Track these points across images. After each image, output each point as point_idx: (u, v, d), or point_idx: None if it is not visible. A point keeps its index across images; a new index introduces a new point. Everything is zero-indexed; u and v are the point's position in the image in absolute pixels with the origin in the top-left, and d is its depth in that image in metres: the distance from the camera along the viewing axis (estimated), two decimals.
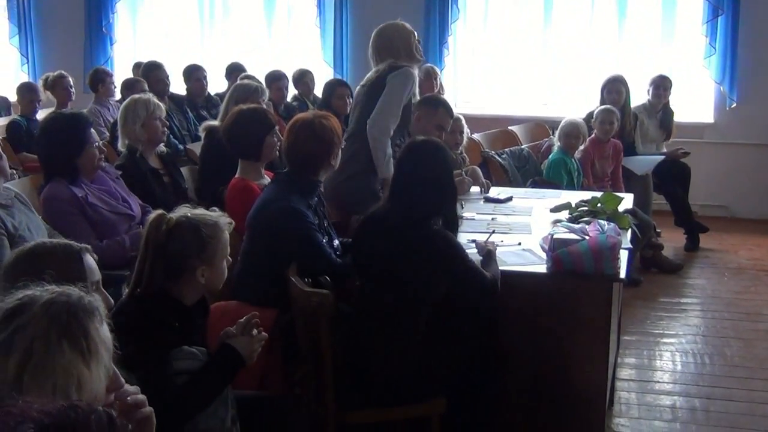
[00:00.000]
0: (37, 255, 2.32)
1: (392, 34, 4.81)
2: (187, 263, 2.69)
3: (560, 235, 3.62)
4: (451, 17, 8.15)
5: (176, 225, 2.71)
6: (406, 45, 4.77)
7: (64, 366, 1.69)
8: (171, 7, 9.17)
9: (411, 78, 4.69)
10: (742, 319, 5.44)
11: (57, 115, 4.48)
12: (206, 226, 2.73)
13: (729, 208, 7.83)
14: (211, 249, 2.72)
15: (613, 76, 6.71)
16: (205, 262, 2.71)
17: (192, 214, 2.75)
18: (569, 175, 5.78)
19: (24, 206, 3.63)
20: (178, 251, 2.68)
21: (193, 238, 2.70)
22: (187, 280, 2.71)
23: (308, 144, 3.73)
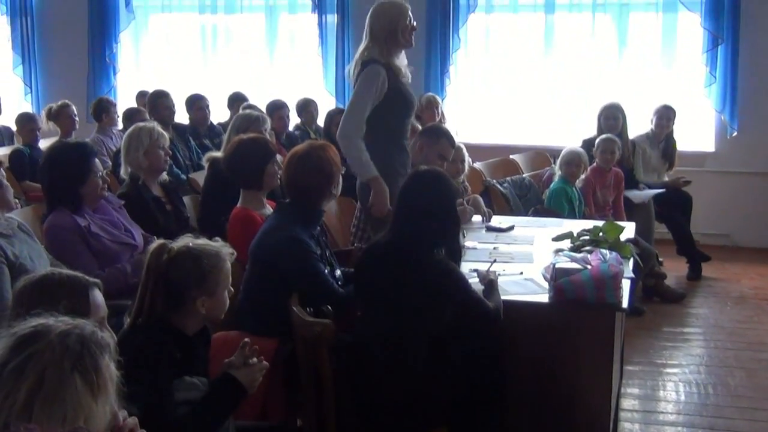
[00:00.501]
0: (45, 285, 2.32)
1: (378, 13, 4.54)
2: (187, 293, 2.68)
3: (562, 264, 3.62)
4: (452, 47, 8.20)
5: (177, 255, 2.71)
6: (389, 27, 4.48)
7: (74, 398, 1.69)
8: (174, 37, 9.23)
9: (375, 77, 4.41)
10: (744, 348, 5.42)
11: (61, 144, 4.50)
12: (208, 257, 2.73)
13: (731, 237, 7.82)
14: (212, 279, 2.72)
15: (610, 103, 6.76)
16: (206, 293, 2.71)
17: (194, 244, 2.75)
18: (570, 204, 5.79)
19: (27, 236, 3.63)
20: (178, 281, 2.68)
21: (194, 269, 2.69)
22: (188, 310, 2.70)
23: (307, 177, 3.73)
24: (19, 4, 9.29)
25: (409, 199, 3.46)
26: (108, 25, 9.08)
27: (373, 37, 4.52)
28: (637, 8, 8.00)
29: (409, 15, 4.56)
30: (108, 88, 9.08)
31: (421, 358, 3.31)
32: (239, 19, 8.96)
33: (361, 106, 4.44)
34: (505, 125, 8.43)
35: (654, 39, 7.95)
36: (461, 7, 8.17)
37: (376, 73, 4.43)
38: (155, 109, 6.98)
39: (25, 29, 9.33)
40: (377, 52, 4.50)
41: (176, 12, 9.13)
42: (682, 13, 7.77)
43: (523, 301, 3.64)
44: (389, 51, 4.51)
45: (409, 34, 4.55)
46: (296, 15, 8.81)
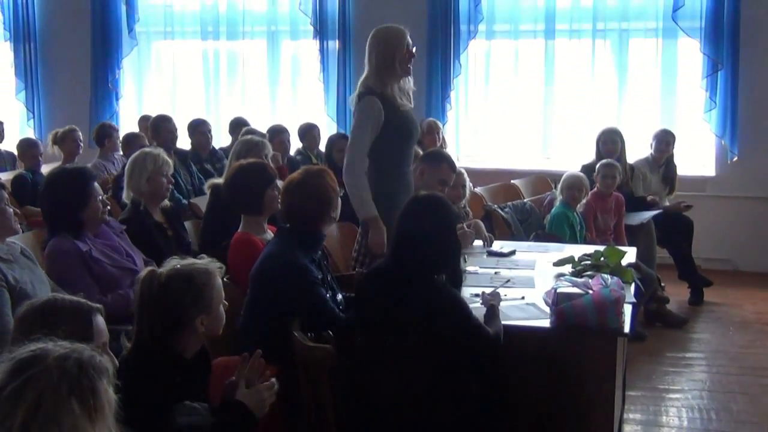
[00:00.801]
0: (48, 310, 2.33)
1: (376, 40, 4.55)
2: (185, 315, 2.68)
3: (564, 289, 3.61)
4: (453, 72, 8.24)
5: (168, 279, 2.70)
6: (385, 54, 4.49)
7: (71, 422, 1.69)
8: (176, 63, 9.27)
9: (370, 109, 4.43)
10: (747, 373, 5.40)
11: (61, 170, 4.50)
12: (198, 275, 2.74)
13: (732, 262, 7.81)
14: (206, 296, 2.73)
15: (609, 128, 6.80)
16: (203, 311, 2.71)
17: (181, 265, 2.76)
18: (572, 229, 5.79)
19: (29, 261, 3.63)
20: (174, 305, 2.67)
21: (188, 289, 2.70)
22: (188, 331, 2.70)
23: (304, 204, 3.74)
24: (23, 29, 9.34)
25: (408, 225, 3.46)
26: (111, 51, 9.13)
27: (371, 65, 4.54)
28: (637, 34, 8.04)
29: (408, 41, 4.56)
30: (110, 114, 9.11)
31: (423, 384, 3.30)
32: (241, 45, 9.01)
33: (360, 140, 4.46)
34: (505, 150, 8.45)
35: (654, 65, 7.98)
36: (462, 33, 8.21)
37: (371, 105, 4.45)
38: (158, 133, 7.01)
39: (28, 55, 9.38)
40: (373, 81, 4.51)
41: (179, 39, 9.18)
42: (682, 39, 7.80)
43: (525, 326, 3.63)
44: (386, 79, 4.51)
45: (407, 61, 4.54)
46: (298, 41, 8.85)
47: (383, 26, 4.65)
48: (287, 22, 8.80)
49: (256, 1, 8.91)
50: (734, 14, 7.52)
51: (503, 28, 8.28)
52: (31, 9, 9.34)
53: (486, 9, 8.15)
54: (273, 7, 8.86)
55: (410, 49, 4.55)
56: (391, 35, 4.55)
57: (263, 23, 8.90)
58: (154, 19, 9.17)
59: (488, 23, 8.21)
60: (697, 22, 7.65)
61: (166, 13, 9.11)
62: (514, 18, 8.22)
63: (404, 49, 4.52)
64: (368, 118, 4.44)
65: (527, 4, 8.18)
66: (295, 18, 8.71)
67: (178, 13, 9.10)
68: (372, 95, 4.47)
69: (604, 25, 8.01)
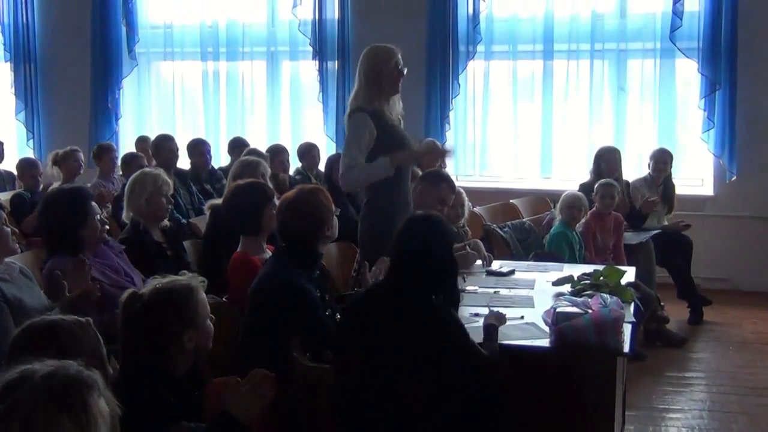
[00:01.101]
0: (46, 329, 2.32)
1: (366, 57, 4.63)
2: (171, 333, 2.67)
3: (563, 308, 3.61)
4: (452, 93, 8.26)
5: (150, 299, 2.70)
6: (373, 71, 4.56)
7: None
8: (176, 83, 9.30)
9: (360, 126, 4.51)
10: (747, 393, 5.38)
11: (57, 190, 4.52)
12: (179, 291, 2.73)
13: (731, 281, 7.81)
14: (191, 311, 2.72)
15: (609, 147, 6.83)
16: (189, 326, 2.70)
17: (161, 284, 2.75)
18: (571, 249, 5.80)
19: (28, 280, 3.63)
20: (159, 324, 2.66)
21: (171, 307, 2.69)
22: (176, 349, 2.69)
23: (297, 222, 3.75)
24: (23, 50, 9.37)
25: (404, 245, 3.45)
26: (111, 71, 9.15)
27: (360, 82, 4.60)
28: (635, 55, 8.07)
29: (397, 60, 4.60)
30: (110, 134, 9.13)
31: (419, 403, 3.28)
32: (241, 66, 9.04)
33: (352, 155, 4.52)
34: (504, 170, 8.47)
35: (652, 85, 8.01)
36: (461, 53, 8.24)
37: (361, 121, 4.50)
38: (159, 152, 7.03)
39: (28, 75, 9.40)
40: (362, 98, 4.56)
41: (179, 59, 9.21)
42: (680, 59, 7.84)
43: (524, 346, 3.63)
44: (374, 95, 4.55)
45: (395, 80, 4.59)
46: (297, 62, 8.89)
47: (374, 45, 4.70)
48: (287, 42, 8.83)
49: (255, 22, 8.95)
50: (731, 35, 7.57)
51: (502, 48, 8.31)
52: (31, 30, 9.38)
53: (484, 30, 8.18)
54: (273, 28, 8.90)
55: (399, 68, 4.60)
56: (380, 52, 4.62)
57: (263, 44, 8.94)
58: (154, 40, 9.20)
59: (487, 44, 8.25)
60: (694, 42, 7.69)
61: (166, 33, 9.14)
62: (513, 38, 8.25)
63: (392, 67, 4.57)
64: (359, 134, 4.50)
65: (525, 25, 8.22)
66: (294, 39, 8.75)
67: (178, 34, 9.14)
68: (362, 112, 4.51)
69: (602, 46, 8.05)
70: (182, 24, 9.12)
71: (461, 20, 8.19)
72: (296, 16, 8.61)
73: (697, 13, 7.69)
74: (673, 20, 7.65)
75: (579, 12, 8.06)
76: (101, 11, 9.09)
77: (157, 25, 9.20)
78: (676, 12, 7.63)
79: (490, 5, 8.21)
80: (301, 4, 8.57)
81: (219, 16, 8.97)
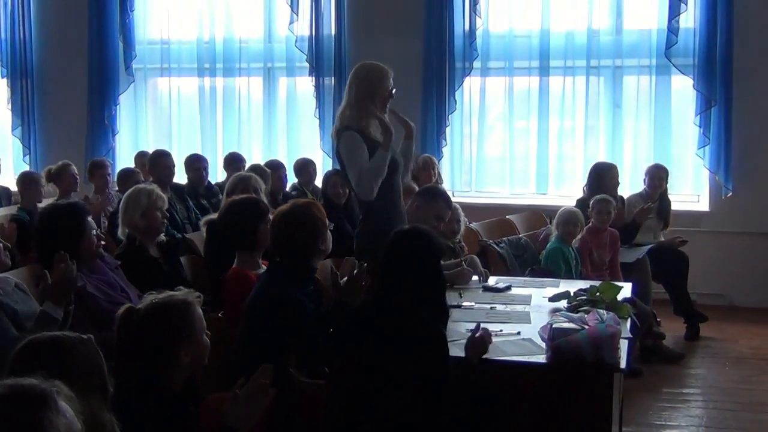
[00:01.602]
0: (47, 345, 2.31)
1: (359, 75, 4.63)
2: (168, 349, 2.66)
3: (559, 324, 3.61)
4: (448, 109, 8.28)
5: (146, 315, 2.69)
6: (366, 90, 4.57)
7: None
8: (173, 99, 9.31)
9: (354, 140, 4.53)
10: (744, 409, 5.37)
11: (53, 206, 4.50)
12: (175, 306, 2.72)
13: (727, 297, 7.81)
14: (188, 327, 2.71)
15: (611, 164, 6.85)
16: (186, 342, 2.69)
17: (157, 299, 2.75)
18: (567, 265, 5.78)
19: (23, 294, 3.63)
20: (155, 340, 2.66)
21: (167, 322, 2.68)
22: (173, 364, 2.68)
23: (291, 234, 3.75)
24: (20, 66, 9.38)
25: (391, 259, 3.44)
26: (107, 87, 9.16)
27: (348, 99, 4.61)
28: (631, 71, 8.10)
29: (389, 81, 4.62)
30: (106, 150, 9.13)
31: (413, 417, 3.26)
32: (238, 82, 9.06)
33: (357, 166, 4.53)
34: (501, 186, 8.47)
35: (647, 101, 8.03)
36: (457, 69, 8.27)
37: (353, 138, 4.52)
38: (155, 169, 7.03)
39: (24, 91, 9.41)
40: (349, 115, 4.58)
41: (175, 75, 9.23)
42: (676, 76, 7.87)
43: (521, 362, 3.62)
44: (363, 114, 4.56)
45: (385, 101, 4.61)
46: (294, 78, 8.91)
47: (367, 62, 4.71)
48: (283, 59, 8.86)
49: (252, 38, 8.97)
50: (727, 52, 7.60)
51: (498, 65, 8.34)
52: (28, 45, 9.39)
53: (480, 46, 8.21)
54: (269, 44, 8.93)
55: (390, 90, 4.62)
56: (374, 71, 4.62)
57: (259, 60, 8.96)
58: (151, 56, 9.22)
59: (483, 60, 8.27)
60: (690, 59, 7.72)
61: (163, 49, 9.16)
62: (509, 55, 8.28)
63: (384, 88, 4.60)
64: (356, 147, 4.52)
65: (521, 42, 8.25)
66: (291, 55, 8.77)
67: (174, 50, 9.15)
68: (350, 130, 4.53)
69: (598, 62, 8.08)
70: (179, 40, 9.14)
71: (457, 36, 8.22)
72: (293, 33, 8.63)
73: (692, 30, 7.72)
74: (669, 37, 7.69)
75: (575, 28, 8.09)
76: (98, 27, 9.11)
77: (154, 40, 9.22)
78: (671, 29, 7.67)
79: (486, 22, 8.25)
80: (298, 20, 8.60)
81: (216, 32, 8.99)
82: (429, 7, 8.26)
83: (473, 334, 3.53)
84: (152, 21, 9.27)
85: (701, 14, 7.66)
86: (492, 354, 3.62)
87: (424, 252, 3.43)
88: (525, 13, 8.26)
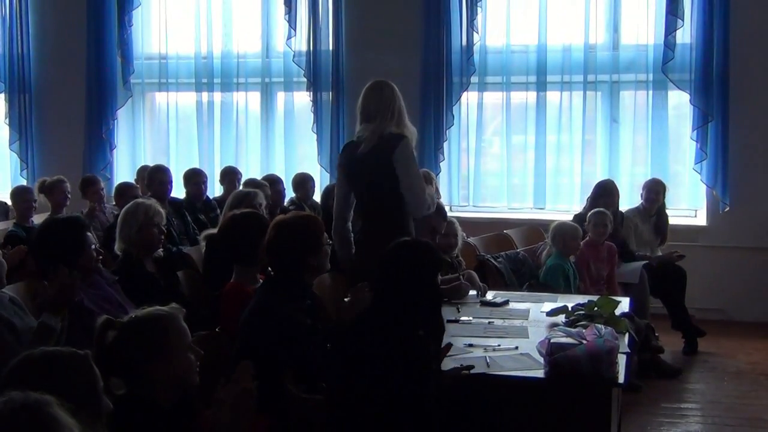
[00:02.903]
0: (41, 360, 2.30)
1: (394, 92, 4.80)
2: (141, 365, 2.63)
3: (557, 339, 3.60)
4: (446, 123, 8.29)
5: (122, 330, 2.67)
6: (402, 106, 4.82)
7: None
8: (171, 114, 9.31)
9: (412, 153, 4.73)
10: (743, 424, 5.36)
11: (53, 220, 4.50)
12: (154, 322, 2.68)
13: (725, 312, 7.80)
14: (159, 341, 2.66)
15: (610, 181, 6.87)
16: (161, 358, 2.64)
17: (138, 314, 2.72)
18: (567, 281, 5.77)
19: (18, 308, 3.62)
20: (128, 356, 2.63)
21: (141, 339, 2.65)
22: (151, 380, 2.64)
23: (285, 243, 3.73)
24: (18, 80, 9.38)
25: (388, 272, 3.43)
26: (105, 101, 9.16)
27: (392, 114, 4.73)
28: (628, 87, 8.12)
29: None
30: (104, 165, 9.12)
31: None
32: (236, 97, 9.07)
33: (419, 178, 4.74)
34: (498, 200, 8.48)
35: (644, 116, 8.05)
36: (454, 84, 8.28)
37: (411, 148, 4.71)
38: (151, 184, 7.02)
39: (22, 106, 9.40)
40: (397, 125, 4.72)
41: (173, 90, 9.24)
42: (672, 91, 7.90)
43: (519, 377, 3.62)
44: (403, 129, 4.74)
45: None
46: (292, 93, 8.92)
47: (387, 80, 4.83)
48: (281, 74, 8.87)
49: (250, 53, 8.99)
50: (723, 67, 7.62)
51: (495, 80, 8.35)
52: (26, 60, 9.39)
53: (478, 61, 8.23)
54: (267, 59, 8.94)
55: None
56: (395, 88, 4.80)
57: (257, 75, 8.97)
58: (149, 71, 9.23)
59: (480, 75, 8.29)
60: (687, 74, 7.75)
61: (161, 64, 9.17)
62: (506, 70, 8.30)
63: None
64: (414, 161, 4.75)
65: (519, 57, 8.27)
66: (289, 70, 8.78)
67: (172, 65, 9.17)
68: (407, 139, 4.70)
69: (595, 77, 8.10)
70: (177, 54, 9.16)
71: (455, 52, 8.24)
72: (291, 48, 8.65)
73: (689, 45, 7.75)
74: (665, 52, 7.71)
75: (572, 43, 8.12)
76: (96, 42, 9.12)
77: (152, 55, 9.24)
78: (668, 44, 7.69)
79: (484, 37, 8.27)
80: (296, 35, 8.62)
81: (214, 47, 9.00)
82: (426, 23, 8.28)
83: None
84: (150, 36, 9.28)
85: (698, 30, 7.69)
86: (490, 369, 3.62)
87: (420, 262, 3.40)
88: (522, 29, 8.28)
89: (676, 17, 7.64)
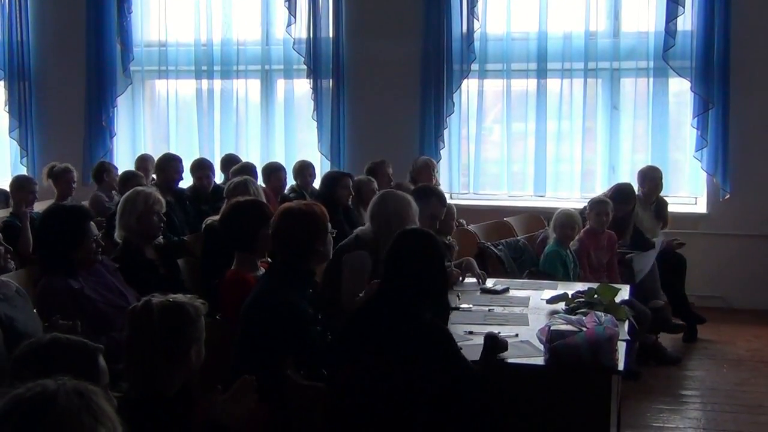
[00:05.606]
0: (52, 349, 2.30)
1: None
2: (185, 345, 2.70)
3: (557, 326, 3.61)
4: (446, 111, 8.28)
5: (165, 311, 2.71)
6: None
7: None
8: (171, 101, 9.30)
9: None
10: (742, 411, 5.37)
11: (57, 207, 4.49)
12: (188, 307, 2.76)
13: (725, 299, 7.81)
14: (199, 326, 2.76)
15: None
16: (196, 341, 2.74)
17: (167, 300, 2.77)
18: (565, 268, 5.77)
19: (23, 299, 3.62)
20: (176, 336, 2.69)
21: (185, 320, 2.72)
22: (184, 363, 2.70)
23: (291, 230, 3.74)
24: (17, 68, 9.37)
25: (394, 260, 3.45)
26: (105, 89, 9.15)
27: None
28: (628, 74, 8.11)
29: None
30: (104, 152, 9.11)
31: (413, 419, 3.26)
32: (235, 84, 9.06)
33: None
34: (498, 188, 8.48)
35: (645, 103, 8.04)
36: (455, 72, 8.27)
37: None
38: (163, 172, 6.99)
39: (22, 93, 9.39)
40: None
41: (173, 77, 9.22)
42: (673, 78, 7.88)
43: (519, 364, 3.63)
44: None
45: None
46: (292, 80, 8.91)
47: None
48: (281, 61, 8.85)
49: (250, 41, 8.97)
50: (724, 54, 7.61)
51: (495, 67, 8.34)
52: (26, 47, 9.37)
53: (478, 48, 8.21)
54: (267, 46, 8.92)
55: None
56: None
57: (257, 62, 8.95)
58: (148, 58, 9.21)
59: (480, 62, 8.28)
60: (687, 62, 7.74)
61: (160, 52, 9.15)
62: (507, 57, 8.29)
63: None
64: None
65: (519, 44, 8.26)
66: (289, 57, 8.76)
67: (172, 52, 9.15)
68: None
69: (595, 65, 8.09)
70: (177, 42, 9.14)
71: (455, 39, 8.22)
72: (290, 35, 8.63)
73: (689, 33, 7.74)
74: (666, 39, 7.70)
75: (572, 31, 8.10)
76: (96, 29, 9.11)
77: (151, 43, 9.22)
78: (668, 31, 7.68)
79: (484, 24, 8.25)
80: (296, 22, 8.60)
81: (214, 35, 8.99)
82: (427, 10, 8.26)
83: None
84: (150, 23, 9.27)
85: (698, 17, 7.67)
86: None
87: (430, 250, 3.45)
88: (523, 16, 8.26)
89: (676, 4, 7.62)
